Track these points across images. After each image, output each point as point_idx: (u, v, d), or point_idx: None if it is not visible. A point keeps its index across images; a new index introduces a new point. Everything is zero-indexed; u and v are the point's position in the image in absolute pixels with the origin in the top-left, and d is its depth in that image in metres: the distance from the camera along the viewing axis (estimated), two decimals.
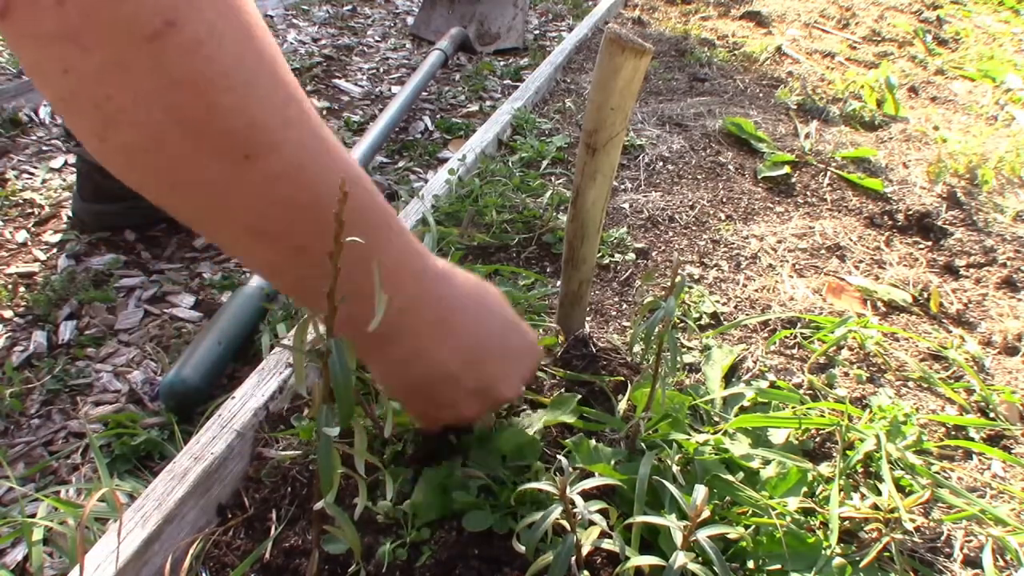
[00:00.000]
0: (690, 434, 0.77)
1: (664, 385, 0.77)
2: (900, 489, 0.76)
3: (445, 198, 1.33)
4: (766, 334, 1.04)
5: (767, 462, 0.76)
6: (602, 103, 0.72)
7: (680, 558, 0.56)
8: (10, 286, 1.22)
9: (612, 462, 0.73)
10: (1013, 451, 0.88)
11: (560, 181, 1.48)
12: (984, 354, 1.05)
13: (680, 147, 1.61)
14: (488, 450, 0.74)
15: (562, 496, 0.55)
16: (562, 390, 0.86)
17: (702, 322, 1.06)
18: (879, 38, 2.63)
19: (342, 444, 0.50)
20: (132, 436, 0.91)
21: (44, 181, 1.53)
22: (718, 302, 1.10)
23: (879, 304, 1.14)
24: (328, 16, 2.78)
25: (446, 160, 1.63)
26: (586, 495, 0.59)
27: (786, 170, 1.51)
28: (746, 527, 0.68)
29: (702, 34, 2.51)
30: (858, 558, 0.68)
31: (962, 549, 0.73)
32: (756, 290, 1.14)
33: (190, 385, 0.96)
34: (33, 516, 0.80)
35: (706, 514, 0.54)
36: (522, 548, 0.59)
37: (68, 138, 1.56)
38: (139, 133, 0.42)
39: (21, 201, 1.45)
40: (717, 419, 0.83)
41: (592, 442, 0.75)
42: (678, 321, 1.04)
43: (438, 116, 2.00)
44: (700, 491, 0.54)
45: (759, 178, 1.51)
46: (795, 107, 1.91)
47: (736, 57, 2.31)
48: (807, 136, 1.68)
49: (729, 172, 1.52)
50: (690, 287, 1.12)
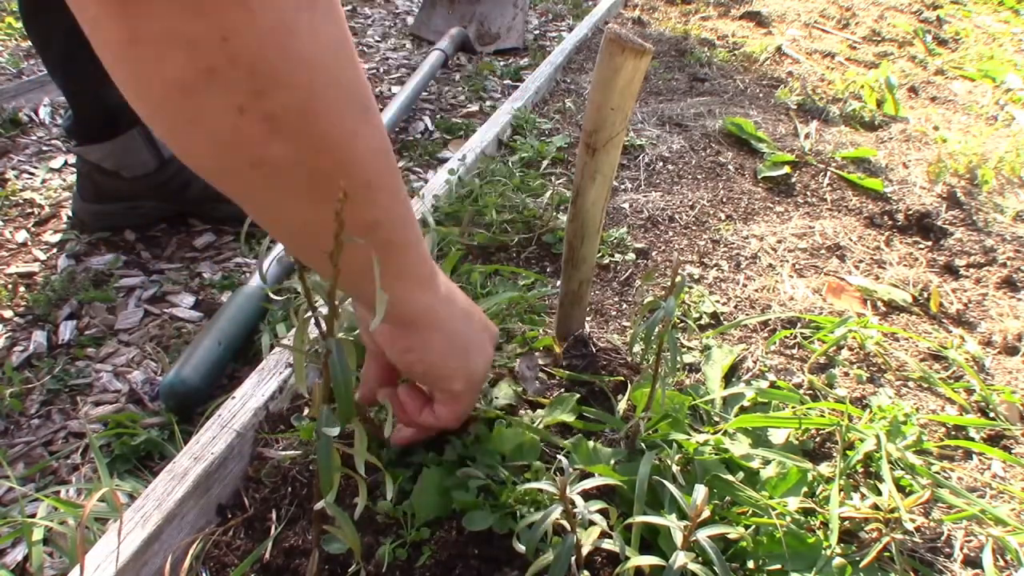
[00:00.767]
0: (690, 434, 0.77)
1: (664, 385, 0.77)
2: (900, 489, 0.76)
3: (445, 198, 1.33)
4: (766, 334, 1.04)
5: (767, 462, 0.76)
6: (602, 103, 0.72)
7: (680, 558, 0.56)
8: (10, 286, 1.22)
9: (611, 462, 0.73)
10: (1013, 451, 0.88)
11: (560, 181, 1.48)
12: (984, 354, 1.05)
13: (680, 147, 1.61)
14: (488, 450, 0.74)
15: (562, 496, 0.55)
16: (562, 390, 0.86)
17: (702, 322, 1.06)
18: (879, 38, 2.63)
19: (342, 444, 0.50)
20: (132, 436, 0.91)
21: (44, 181, 1.53)
22: (718, 302, 1.10)
23: (879, 304, 1.14)
24: None
25: (446, 160, 1.63)
26: (586, 495, 0.59)
27: (786, 170, 1.51)
28: (746, 527, 0.68)
29: (702, 34, 2.51)
30: (858, 558, 0.68)
31: (962, 549, 0.73)
32: (756, 290, 1.14)
33: (190, 385, 0.96)
34: (33, 516, 0.80)
35: (706, 514, 0.54)
36: (522, 548, 0.59)
37: (68, 138, 1.56)
38: (293, 96, 0.44)
39: (21, 201, 1.45)
40: (717, 419, 0.83)
41: (591, 443, 0.75)
42: (678, 321, 1.04)
43: (438, 116, 2.00)
44: (700, 491, 0.54)
45: (759, 178, 1.51)
46: (795, 107, 1.91)
47: (736, 57, 2.31)
48: (807, 136, 1.68)
49: (729, 172, 1.52)
50: (690, 287, 1.12)
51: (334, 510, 0.49)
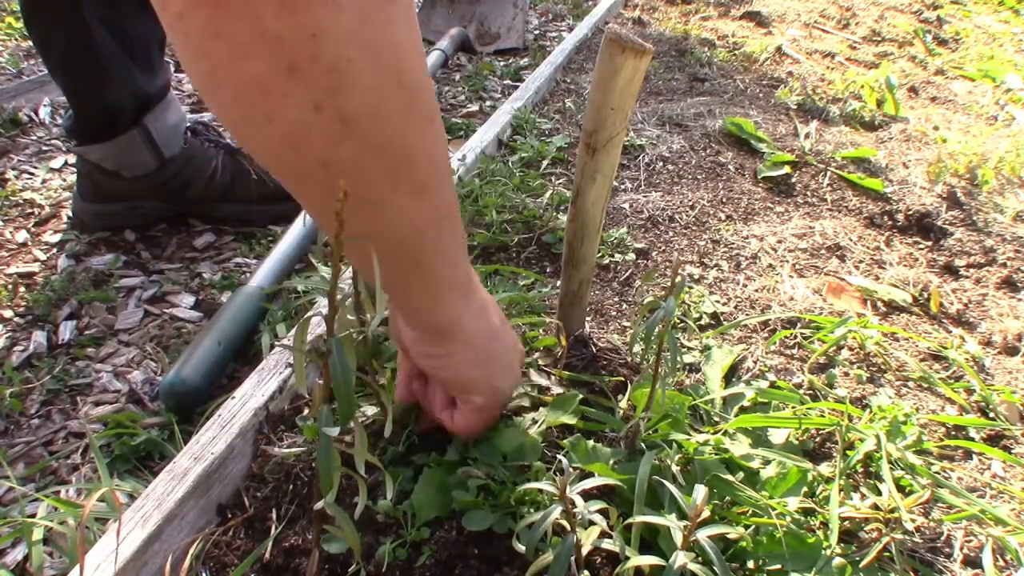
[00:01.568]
0: (690, 434, 0.77)
1: (664, 385, 0.77)
2: (900, 489, 0.76)
3: None
4: (766, 334, 1.04)
5: (767, 462, 0.76)
6: (602, 103, 0.72)
7: (680, 558, 0.56)
8: (10, 286, 1.22)
9: (611, 462, 0.73)
10: (1013, 451, 0.88)
11: (560, 181, 1.48)
12: (984, 354, 1.05)
13: (680, 147, 1.61)
14: (488, 450, 0.74)
15: (562, 496, 0.55)
16: (562, 391, 0.86)
17: (702, 322, 1.06)
18: (879, 38, 2.63)
19: (342, 444, 0.50)
20: (132, 436, 0.91)
21: (44, 181, 1.53)
22: (718, 302, 1.10)
23: (879, 304, 1.14)
24: None
25: None
26: (586, 495, 0.59)
27: (786, 170, 1.51)
28: (746, 527, 0.68)
29: (702, 34, 2.51)
30: (858, 558, 0.68)
31: (962, 549, 0.73)
32: (756, 290, 1.14)
33: (190, 385, 0.96)
34: (33, 516, 0.80)
35: (706, 514, 0.54)
36: (522, 548, 0.59)
37: (68, 138, 1.56)
38: (368, 97, 0.44)
39: (21, 201, 1.45)
40: (717, 419, 0.83)
41: (590, 442, 0.75)
42: (678, 321, 1.04)
43: None
44: (700, 491, 0.54)
45: (759, 178, 1.51)
46: (795, 107, 1.91)
47: (736, 57, 2.31)
48: (807, 136, 1.68)
49: (729, 172, 1.52)
50: (690, 287, 1.12)
51: (334, 510, 0.49)
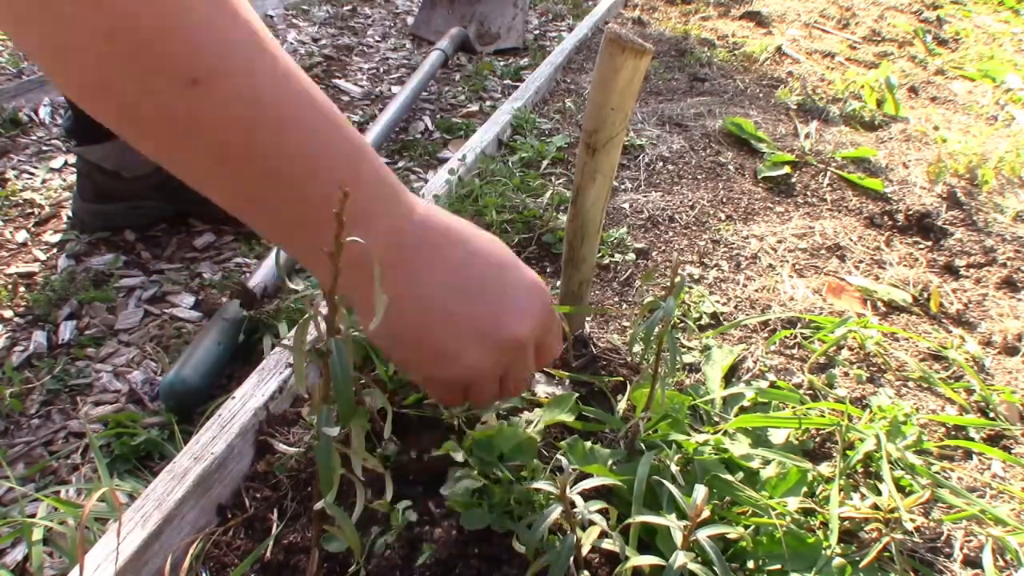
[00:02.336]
0: (690, 434, 0.77)
1: (664, 385, 0.77)
2: (900, 489, 0.76)
3: (445, 198, 1.33)
4: (766, 334, 1.04)
5: (767, 462, 0.76)
6: (602, 103, 0.72)
7: (680, 558, 0.56)
8: (10, 286, 1.22)
9: (609, 463, 0.73)
10: (1013, 451, 0.88)
11: (560, 181, 1.48)
12: (984, 354, 1.05)
13: (680, 147, 1.61)
14: (487, 448, 0.74)
15: (562, 496, 0.55)
16: (561, 392, 0.86)
17: (702, 322, 1.06)
18: (879, 38, 2.63)
19: (342, 445, 0.50)
20: (132, 436, 0.91)
21: (44, 181, 1.53)
22: (718, 302, 1.10)
23: (879, 304, 1.14)
24: (328, 16, 2.78)
25: (446, 160, 1.63)
26: (585, 495, 0.59)
27: (786, 170, 1.51)
28: (746, 527, 0.68)
29: (702, 34, 2.51)
30: (858, 558, 0.68)
31: (962, 549, 0.73)
32: (756, 290, 1.14)
33: (190, 385, 0.96)
34: (33, 516, 0.80)
35: (706, 514, 0.54)
36: (522, 548, 0.59)
37: (68, 138, 1.56)
38: (80, 56, 0.42)
39: (21, 201, 1.45)
40: (717, 419, 0.83)
41: (587, 443, 0.75)
42: (678, 321, 1.04)
43: (438, 116, 2.00)
44: (700, 491, 0.54)
45: (759, 178, 1.51)
46: (795, 107, 1.91)
47: (736, 57, 2.31)
48: (807, 136, 1.68)
49: (729, 172, 1.52)
50: (690, 287, 1.12)
51: (334, 510, 0.49)
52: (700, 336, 1.02)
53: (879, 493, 0.75)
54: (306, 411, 0.84)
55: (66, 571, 0.75)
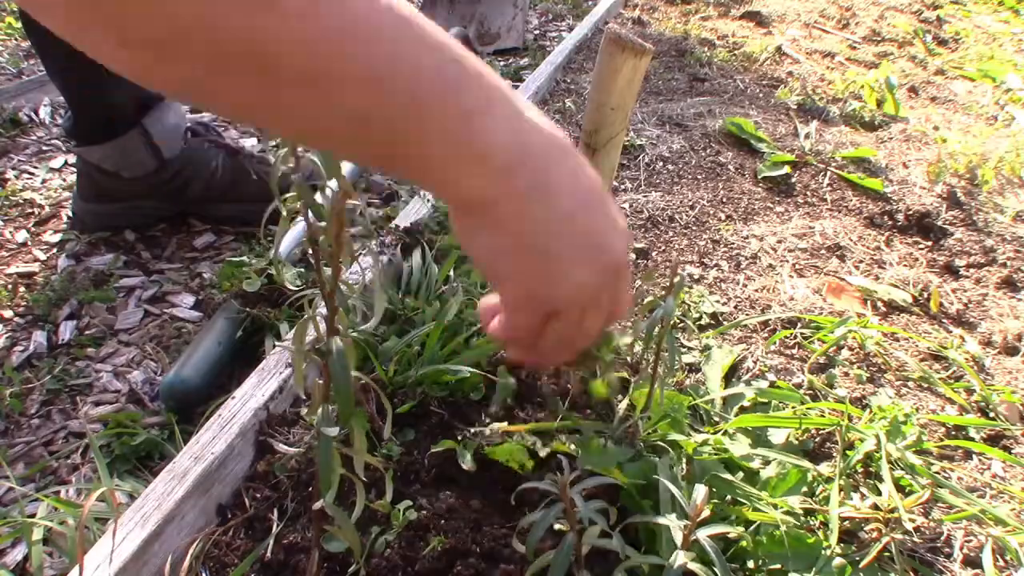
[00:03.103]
0: (689, 434, 0.77)
1: (663, 385, 0.77)
2: (900, 489, 0.76)
3: None
4: (766, 334, 1.04)
5: (767, 462, 0.76)
6: (602, 103, 0.72)
7: (680, 557, 0.56)
8: (10, 286, 1.22)
9: (617, 462, 0.73)
10: (1013, 451, 0.88)
11: None
12: (984, 354, 1.05)
13: (680, 147, 1.61)
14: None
15: (562, 496, 0.55)
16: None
17: (702, 322, 1.06)
18: (879, 38, 2.63)
19: (342, 445, 0.50)
20: (132, 436, 0.91)
21: (44, 181, 1.53)
22: (718, 302, 1.10)
23: (879, 304, 1.14)
24: None
25: None
26: (587, 495, 0.59)
27: (786, 170, 1.51)
28: (747, 525, 0.68)
29: (702, 34, 2.51)
30: (858, 558, 0.68)
31: (962, 549, 0.73)
32: (756, 290, 1.14)
33: (190, 385, 0.96)
34: (33, 516, 0.80)
35: (706, 514, 0.54)
36: (522, 548, 0.59)
37: (68, 138, 1.56)
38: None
39: (21, 201, 1.45)
40: (717, 419, 0.83)
41: (600, 440, 0.75)
42: (678, 321, 1.04)
43: None
44: (700, 490, 0.54)
45: (759, 178, 1.51)
46: (795, 107, 1.91)
47: (736, 57, 2.31)
48: (807, 136, 1.68)
49: (729, 172, 1.52)
50: (690, 287, 1.12)
51: (334, 510, 0.49)
52: (700, 336, 1.02)
53: (879, 493, 0.75)
54: (305, 411, 0.84)
55: (66, 571, 0.75)
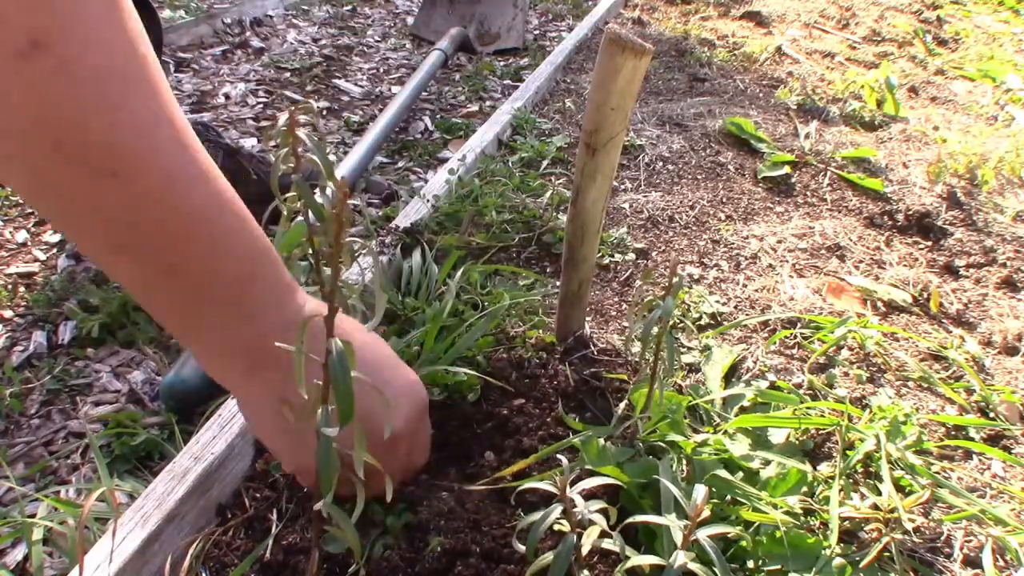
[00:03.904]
0: (689, 435, 0.77)
1: (663, 386, 0.77)
2: (900, 489, 0.76)
3: (445, 198, 1.33)
4: (766, 334, 1.04)
5: (767, 462, 0.76)
6: (602, 103, 0.72)
7: (680, 557, 0.55)
8: (10, 286, 1.22)
9: (617, 462, 0.73)
10: (1013, 451, 0.88)
11: (560, 181, 1.48)
12: (984, 354, 1.05)
13: (680, 147, 1.61)
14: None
15: (562, 496, 0.55)
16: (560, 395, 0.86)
17: (702, 322, 1.06)
18: (879, 38, 2.63)
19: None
20: (132, 436, 0.91)
21: None
22: (718, 302, 1.10)
23: (879, 304, 1.14)
24: (328, 16, 2.78)
25: (446, 160, 1.63)
26: (587, 494, 0.59)
27: (786, 170, 1.51)
28: (747, 524, 0.68)
29: (702, 34, 2.51)
30: (858, 558, 0.68)
31: (962, 549, 0.73)
32: (756, 290, 1.14)
33: (190, 385, 0.96)
34: (33, 516, 0.80)
35: (706, 514, 0.54)
36: (522, 548, 0.59)
37: None
38: (6, 141, 0.43)
39: (21, 201, 1.45)
40: (717, 419, 0.83)
41: (601, 441, 0.75)
42: (678, 321, 1.04)
43: (438, 116, 2.00)
44: (700, 490, 0.54)
45: (759, 178, 1.51)
46: (795, 107, 1.91)
47: (736, 57, 2.31)
48: (807, 136, 1.68)
49: (729, 172, 1.52)
50: (690, 287, 1.12)
51: (333, 510, 0.49)
52: (700, 336, 1.02)
53: (879, 493, 0.75)
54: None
55: (66, 571, 0.75)
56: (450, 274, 1.06)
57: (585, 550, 0.58)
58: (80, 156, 0.44)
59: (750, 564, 0.67)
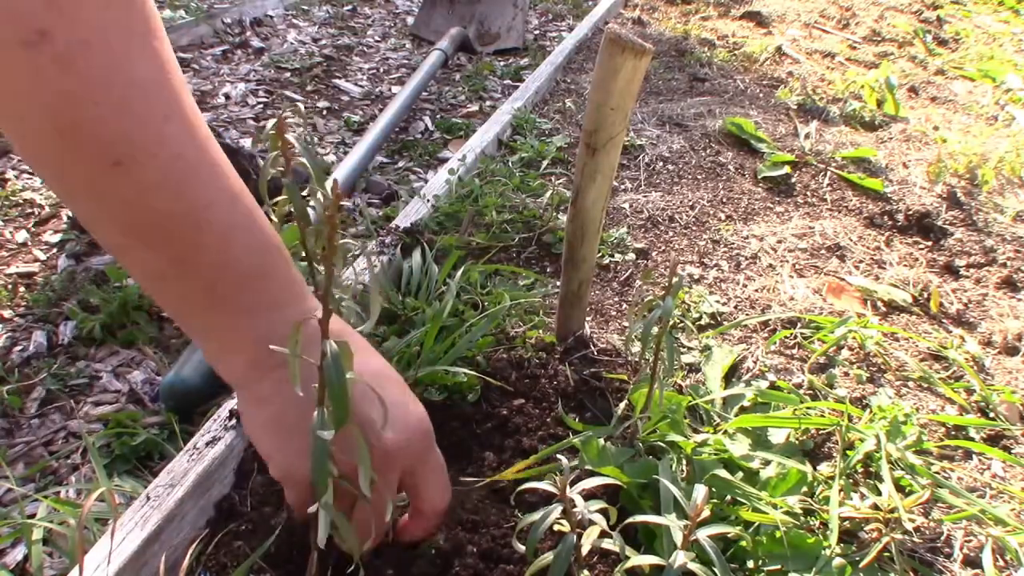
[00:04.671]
0: (689, 435, 0.77)
1: (662, 386, 0.77)
2: (900, 489, 0.76)
3: (445, 198, 1.33)
4: (766, 334, 1.04)
5: (767, 462, 0.76)
6: (602, 103, 0.72)
7: (680, 557, 0.55)
8: (10, 286, 1.22)
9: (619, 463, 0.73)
10: (1013, 451, 0.88)
11: (560, 181, 1.48)
12: (984, 354, 1.05)
13: (680, 147, 1.61)
14: None
15: (562, 496, 0.55)
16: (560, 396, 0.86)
17: (702, 322, 1.06)
18: (879, 38, 2.63)
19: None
20: (132, 436, 0.91)
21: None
22: (718, 302, 1.10)
23: (879, 304, 1.14)
24: (328, 16, 2.78)
25: (446, 160, 1.63)
26: (587, 494, 0.59)
27: (786, 170, 1.51)
28: (747, 524, 0.68)
29: (702, 34, 2.51)
30: (858, 558, 0.68)
31: (962, 549, 0.73)
32: (756, 290, 1.13)
33: (190, 385, 0.96)
34: (33, 516, 0.80)
35: (706, 514, 0.54)
36: (522, 548, 0.59)
37: None
38: (16, 129, 0.45)
39: (21, 201, 1.45)
40: (717, 419, 0.83)
41: (601, 441, 0.75)
42: (678, 321, 1.04)
43: (438, 116, 2.00)
44: (700, 490, 0.54)
45: (759, 178, 1.51)
46: (795, 107, 1.91)
47: (736, 57, 2.31)
48: (807, 136, 1.68)
49: (729, 172, 1.52)
50: (690, 287, 1.12)
51: (331, 511, 0.49)
52: (700, 336, 1.02)
53: (879, 493, 0.75)
54: None
55: (66, 571, 0.75)
56: (450, 274, 1.06)
57: (585, 550, 0.57)
58: (84, 145, 0.44)
59: (750, 564, 0.67)
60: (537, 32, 2.78)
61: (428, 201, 1.29)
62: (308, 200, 0.57)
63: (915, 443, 0.81)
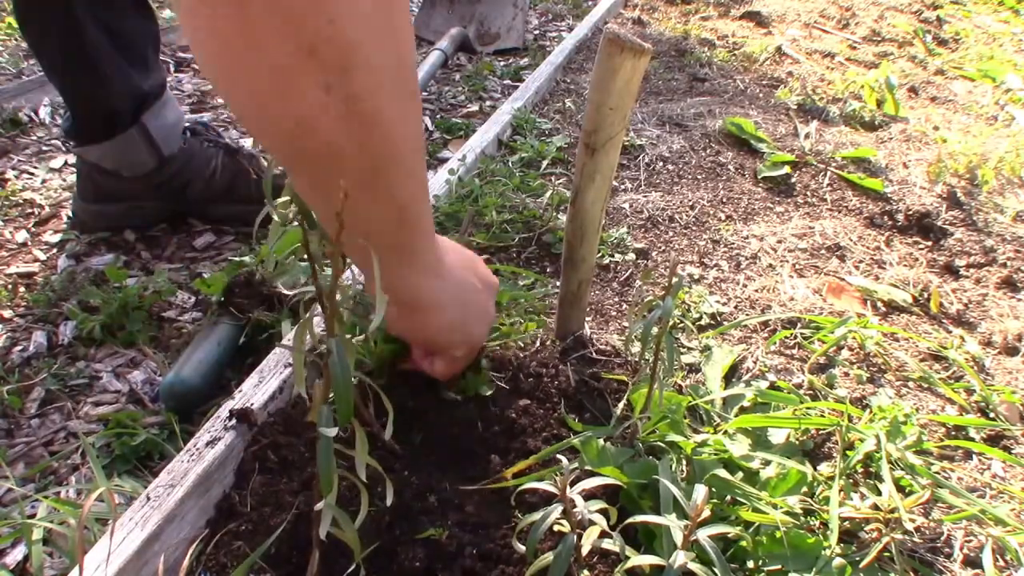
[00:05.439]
0: (689, 435, 0.77)
1: (662, 386, 0.77)
2: (900, 489, 0.76)
3: (445, 198, 1.33)
4: (766, 334, 1.04)
5: (767, 463, 0.76)
6: (601, 103, 0.72)
7: (680, 557, 0.55)
8: (10, 286, 1.22)
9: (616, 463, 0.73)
10: (1013, 451, 0.88)
11: (560, 181, 1.48)
12: (984, 354, 1.05)
13: (680, 147, 1.61)
14: None
15: (562, 496, 0.55)
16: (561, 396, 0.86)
17: (702, 322, 1.06)
18: (879, 38, 2.63)
19: (342, 445, 0.50)
20: (132, 436, 0.91)
21: (44, 181, 1.53)
22: (718, 302, 1.10)
23: (879, 304, 1.14)
24: None
25: (446, 160, 1.63)
26: (587, 494, 0.59)
27: (786, 170, 1.51)
28: (747, 525, 0.68)
29: (702, 34, 2.51)
30: (858, 558, 0.68)
31: (962, 549, 0.73)
32: (756, 290, 1.13)
33: (190, 385, 0.96)
34: (33, 516, 0.80)
35: (706, 514, 0.54)
36: (522, 548, 0.59)
37: (67, 138, 1.56)
38: (373, 77, 0.48)
39: (21, 201, 1.45)
40: (717, 419, 0.83)
41: (600, 441, 0.75)
42: (678, 321, 1.04)
43: (438, 116, 2.00)
44: (700, 490, 0.54)
45: (759, 178, 1.51)
46: (795, 107, 1.91)
47: (736, 57, 2.31)
48: (807, 136, 1.68)
49: (729, 172, 1.52)
50: (690, 287, 1.12)
51: (335, 510, 0.49)
52: (700, 336, 1.02)
53: (879, 493, 0.75)
54: (308, 417, 0.84)
55: (66, 571, 0.75)
56: None
57: (585, 550, 0.58)
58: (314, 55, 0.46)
59: (750, 564, 0.67)
60: (537, 32, 2.78)
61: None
62: None
63: (915, 443, 0.81)
